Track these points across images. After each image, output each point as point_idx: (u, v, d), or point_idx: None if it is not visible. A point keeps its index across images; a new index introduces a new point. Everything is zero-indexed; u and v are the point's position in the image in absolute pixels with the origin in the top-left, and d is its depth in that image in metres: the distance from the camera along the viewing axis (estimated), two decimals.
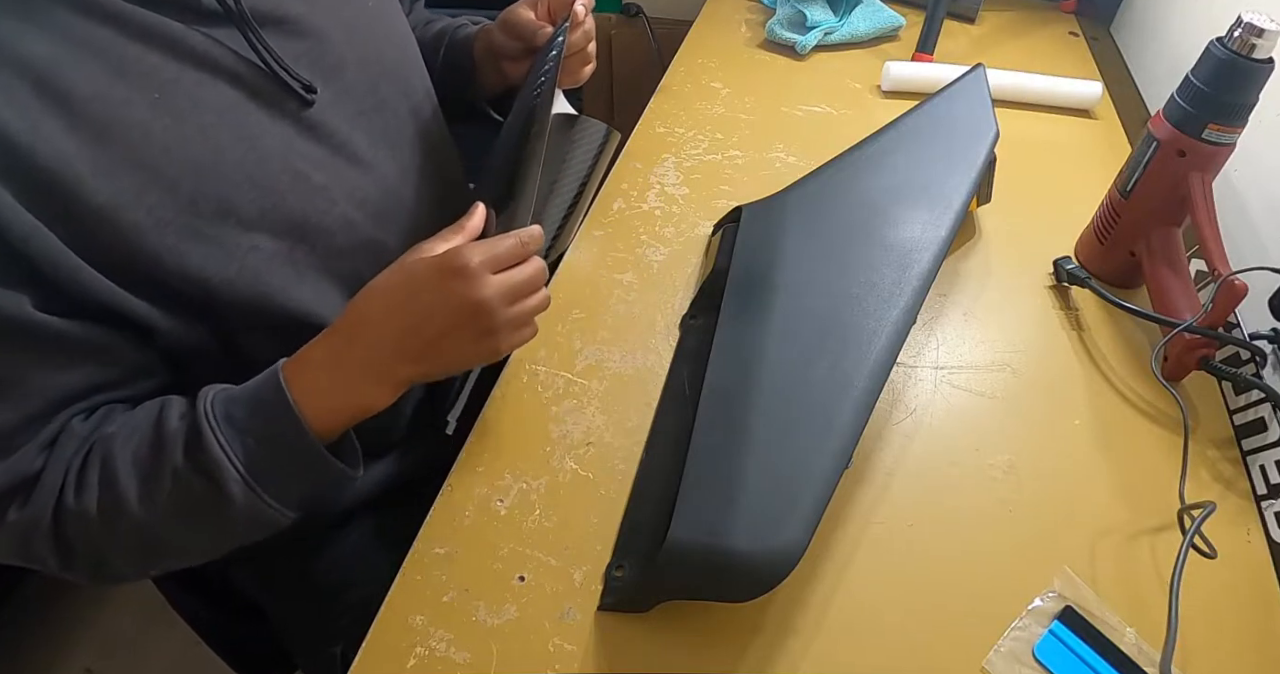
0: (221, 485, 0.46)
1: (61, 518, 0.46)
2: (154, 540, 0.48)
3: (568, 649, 0.47)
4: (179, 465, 0.46)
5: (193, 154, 0.46)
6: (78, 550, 0.47)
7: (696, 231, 0.77)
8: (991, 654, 0.48)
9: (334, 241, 0.55)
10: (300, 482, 0.49)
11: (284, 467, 0.48)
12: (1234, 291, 0.57)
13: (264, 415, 0.47)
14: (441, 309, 0.48)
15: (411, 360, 0.49)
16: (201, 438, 0.46)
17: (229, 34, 0.48)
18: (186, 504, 0.47)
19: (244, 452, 0.47)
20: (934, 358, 0.66)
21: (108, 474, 0.46)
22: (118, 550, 0.48)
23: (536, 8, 0.68)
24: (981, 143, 0.68)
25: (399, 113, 0.60)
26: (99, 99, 0.43)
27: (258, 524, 0.49)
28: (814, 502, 0.47)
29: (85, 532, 0.47)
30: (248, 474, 0.47)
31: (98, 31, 0.43)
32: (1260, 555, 0.54)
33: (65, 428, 0.47)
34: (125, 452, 0.47)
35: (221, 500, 0.46)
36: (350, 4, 0.57)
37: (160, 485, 0.46)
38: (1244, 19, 0.58)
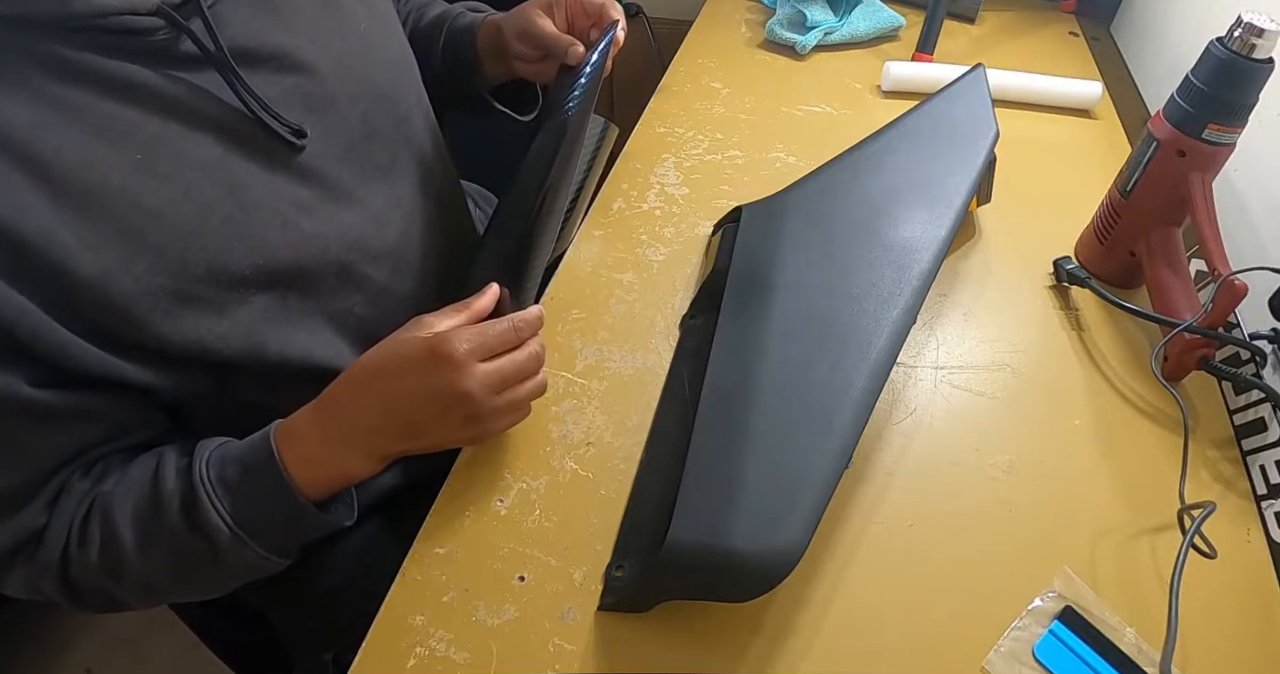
0: (216, 543, 0.47)
1: (68, 566, 0.48)
2: (155, 587, 0.50)
3: (568, 649, 0.47)
4: (175, 525, 0.47)
5: (179, 217, 0.45)
6: (84, 593, 0.50)
7: (696, 231, 0.77)
8: (991, 654, 0.48)
9: (326, 285, 0.54)
10: (292, 535, 0.51)
11: (276, 524, 0.49)
12: (1234, 291, 0.57)
13: (255, 479, 0.48)
14: (425, 394, 0.48)
15: (396, 438, 0.50)
16: (196, 500, 0.47)
17: (212, 79, 0.46)
18: (183, 559, 0.49)
19: (236, 512, 0.48)
20: (934, 358, 0.66)
21: (108, 530, 0.48)
22: (122, 594, 0.50)
23: (553, 14, 0.67)
24: (981, 143, 0.68)
25: (392, 140, 0.59)
26: (81, 167, 0.42)
27: (254, 572, 0.51)
28: (814, 502, 0.47)
29: (90, 578, 0.49)
30: (242, 532, 0.48)
31: (73, 93, 0.42)
32: (1260, 555, 0.54)
33: (65, 485, 0.49)
34: (125, 508, 0.48)
35: (216, 556, 0.48)
36: (340, 32, 0.55)
37: (158, 542, 0.48)
38: (1244, 19, 0.58)
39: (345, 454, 0.49)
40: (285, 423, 0.50)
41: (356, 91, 0.55)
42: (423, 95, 0.65)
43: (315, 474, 0.49)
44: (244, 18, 0.48)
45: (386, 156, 0.58)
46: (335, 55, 0.54)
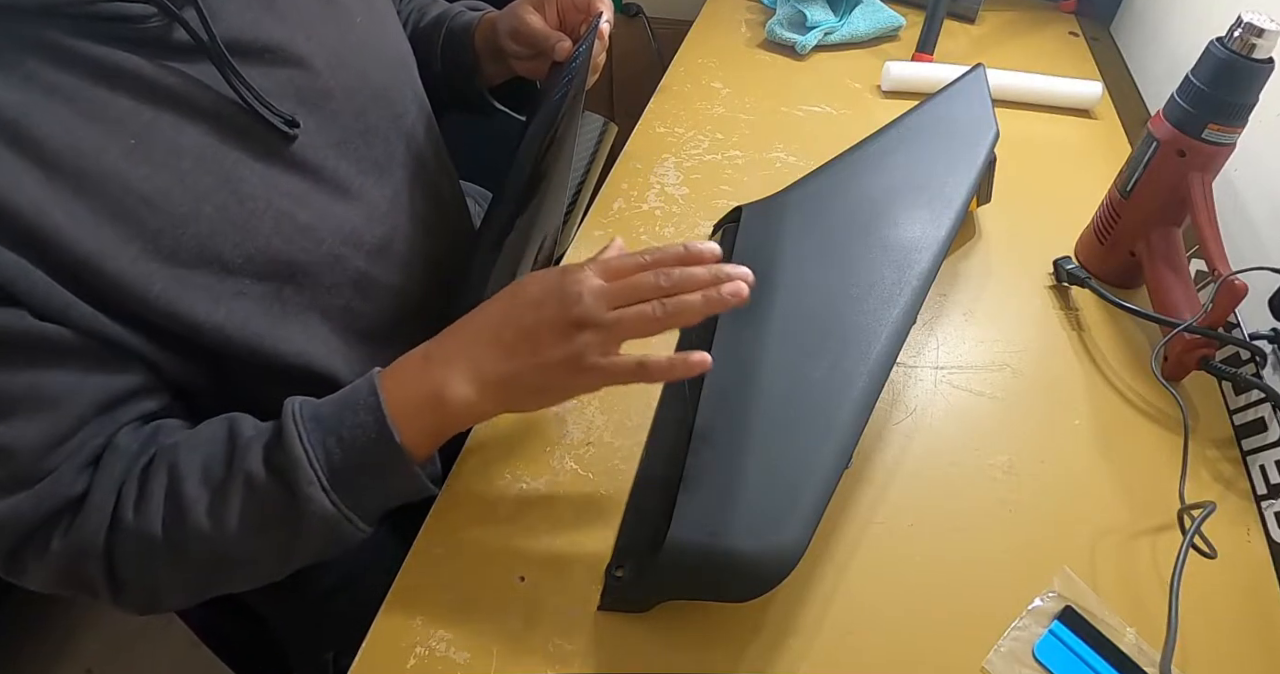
0: (299, 489, 0.44)
1: (116, 540, 0.45)
2: (219, 559, 0.46)
3: (568, 649, 0.47)
4: (254, 469, 0.44)
5: (172, 204, 0.45)
6: (130, 577, 0.46)
7: (696, 231, 0.77)
8: (991, 654, 0.48)
9: (322, 279, 0.53)
10: (379, 489, 0.47)
11: (366, 471, 0.46)
12: (1234, 291, 0.57)
13: (353, 415, 0.45)
14: (536, 296, 0.46)
15: (500, 353, 0.46)
16: (283, 435, 0.44)
17: (205, 70, 0.46)
18: (260, 511, 0.45)
19: (325, 452, 0.45)
20: (934, 358, 0.66)
21: (174, 485, 0.45)
22: (176, 574, 0.46)
23: (544, 11, 0.66)
24: (981, 143, 0.68)
25: (388, 137, 0.58)
26: (73, 150, 0.41)
27: (329, 536, 0.47)
28: (814, 501, 0.47)
29: (143, 555, 0.45)
30: (328, 477, 0.45)
31: (67, 78, 0.42)
32: (1260, 555, 0.54)
33: (111, 445, 0.45)
34: (194, 460, 0.45)
35: (297, 506, 0.44)
36: (336, 27, 0.55)
37: (232, 493, 0.44)
38: (1244, 19, 0.58)
39: (445, 370, 0.46)
40: (392, 366, 0.48)
41: (352, 86, 0.55)
42: (420, 93, 0.65)
43: (413, 394, 0.46)
44: (237, 9, 0.48)
45: (383, 152, 0.58)
46: (330, 50, 0.53)
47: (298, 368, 0.53)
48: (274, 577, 0.50)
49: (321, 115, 0.53)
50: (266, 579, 0.50)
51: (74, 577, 0.45)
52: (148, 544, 0.44)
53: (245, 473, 0.44)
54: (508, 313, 0.47)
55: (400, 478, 0.47)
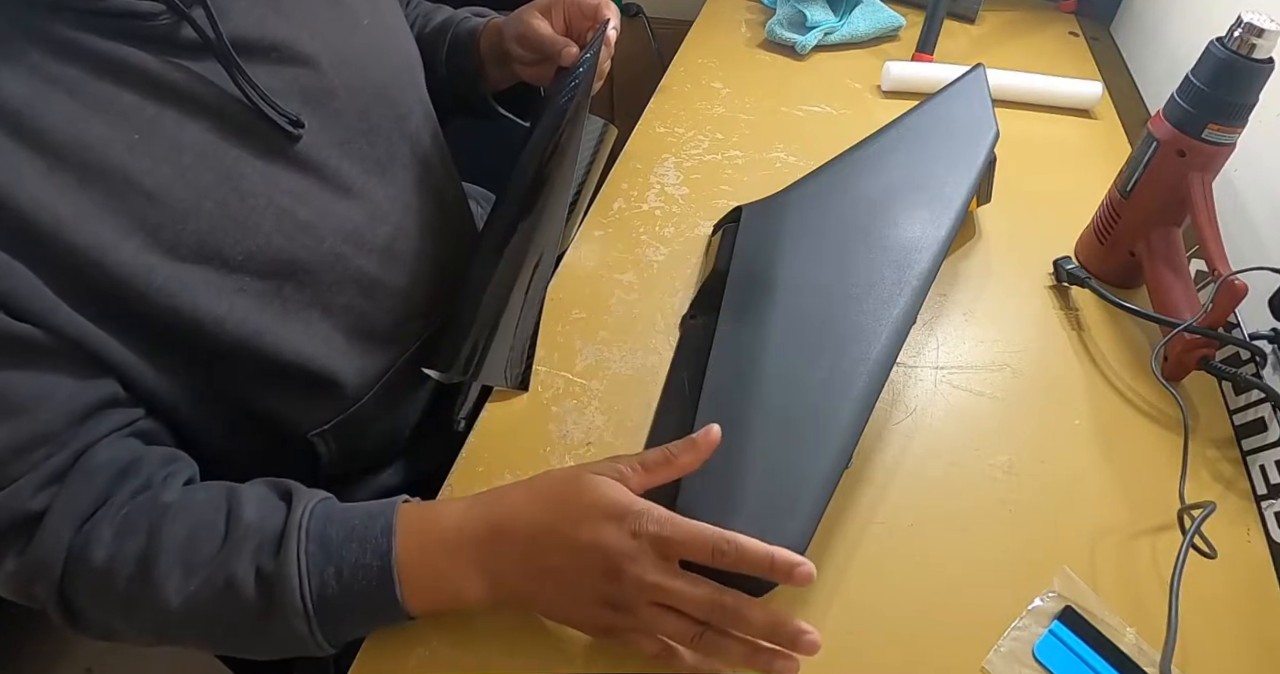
0: (282, 619, 0.42)
1: (73, 574, 0.43)
2: (171, 632, 0.45)
3: (568, 649, 0.47)
4: (239, 573, 0.42)
5: (174, 198, 0.45)
6: (83, 610, 0.44)
7: (696, 231, 0.77)
8: (991, 654, 0.48)
9: (323, 278, 0.53)
10: (363, 627, 0.46)
11: (355, 614, 0.44)
12: (1234, 291, 0.57)
13: (360, 552, 0.43)
14: (580, 541, 0.42)
15: (531, 577, 0.44)
16: (282, 551, 0.42)
17: (210, 67, 0.46)
18: (229, 616, 0.43)
19: (320, 584, 0.43)
20: (934, 358, 0.66)
21: (151, 553, 0.43)
22: (129, 629, 0.45)
23: (551, 17, 0.66)
24: (981, 143, 0.68)
25: (391, 138, 0.58)
26: (77, 142, 0.41)
27: (290, 650, 0.44)
28: (814, 501, 0.47)
29: (97, 598, 0.44)
30: (315, 613, 0.42)
31: (73, 71, 0.42)
32: (1260, 555, 0.54)
33: (79, 464, 0.44)
34: (178, 531, 0.43)
35: (271, 619, 0.42)
36: (341, 27, 0.55)
37: (209, 587, 0.42)
38: (1244, 19, 0.58)
39: (468, 567, 0.44)
40: (419, 506, 0.46)
41: (356, 86, 0.55)
42: (424, 95, 0.65)
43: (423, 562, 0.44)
44: (244, 7, 0.48)
45: (386, 152, 0.58)
46: (335, 49, 0.54)
47: (296, 366, 0.53)
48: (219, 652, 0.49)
49: (325, 114, 0.53)
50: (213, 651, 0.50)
51: (27, 596, 0.45)
52: (104, 593, 0.43)
53: (229, 574, 0.42)
54: (552, 538, 0.43)
55: (387, 621, 0.45)
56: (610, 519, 0.42)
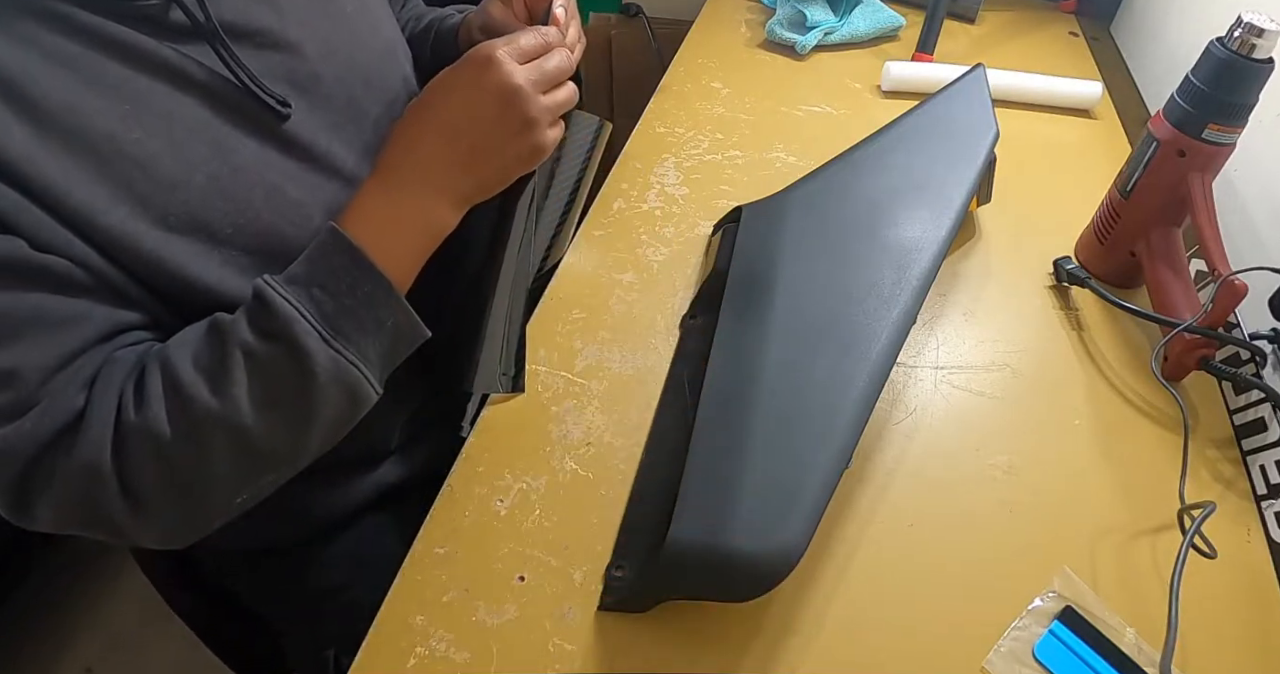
0: (298, 345, 0.44)
1: (124, 447, 0.43)
2: (236, 443, 0.44)
3: (568, 649, 0.47)
4: (247, 340, 0.44)
5: (164, 170, 0.45)
6: (147, 489, 0.43)
7: (696, 231, 0.77)
8: (991, 654, 0.48)
9: None
10: (375, 328, 0.47)
11: (357, 311, 0.46)
12: (1234, 291, 0.57)
13: (325, 262, 0.46)
14: (477, 101, 0.48)
15: (462, 168, 0.49)
16: (265, 303, 0.44)
17: (200, 50, 0.47)
18: (266, 381, 0.44)
19: (313, 303, 0.45)
20: (934, 358, 0.66)
21: (170, 376, 0.43)
22: (200, 470, 0.44)
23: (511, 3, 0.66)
24: (981, 143, 0.68)
25: (380, 122, 0.59)
26: (68, 109, 0.42)
27: (344, 393, 0.46)
28: (814, 501, 0.47)
29: (154, 458, 0.43)
30: (322, 325, 0.44)
31: (66, 44, 0.43)
32: (1260, 555, 0.54)
33: (109, 359, 0.45)
34: (184, 352, 0.44)
35: (302, 364, 0.44)
36: (327, 14, 0.56)
37: (233, 369, 0.43)
38: (1244, 19, 0.58)
39: (421, 201, 0.48)
40: (345, 207, 0.49)
41: (342, 73, 0.56)
42: (412, 83, 0.65)
43: (389, 235, 0.47)
44: None
45: (374, 137, 0.59)
46: (321, 37, 0.54)
47: None
48: (301, 459, 0.48)
49: (312, 99, 0.53)
50: (294, 463, 0.48)
51: (86, 504, 0.43)
52: (156, 443, 0.43)
53: (241, 347, 0.44)
54: (448, 129, 0.49)
55: (391, 311, 0.47)
56: (474, 69, 0.49)
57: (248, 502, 0.48)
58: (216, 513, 0.47)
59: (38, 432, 0.41)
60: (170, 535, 0.47)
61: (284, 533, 0.66)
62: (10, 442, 0.41)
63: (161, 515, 0.45)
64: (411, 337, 0.50)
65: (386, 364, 0.49)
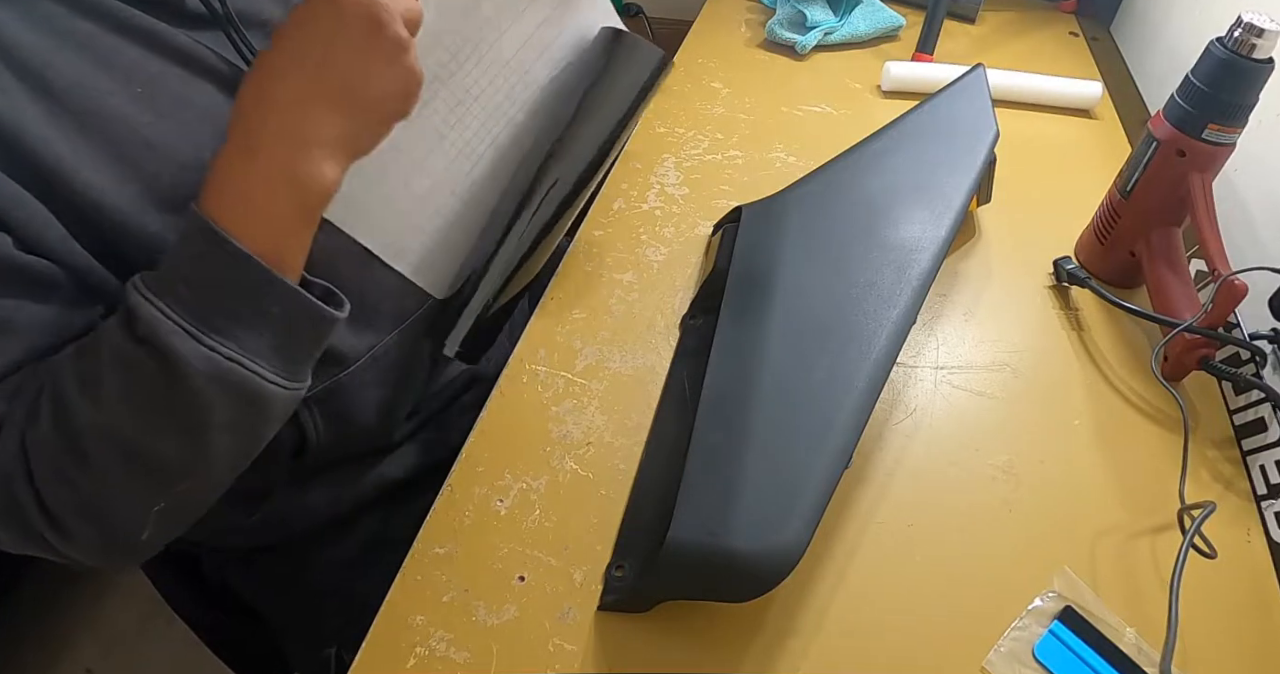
0: (165, 346, 0.39)
1: (29, 462, 0.41)
2: (127, 450, 0.41)
3: (568, 649, 0.47)
4: (117, 345, 0.40)
5: (174, 152, 0.46)
6: (58, 504, 0.41)
7: (696, 231, 0.77)
8: (991, 654, 0.48)
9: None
10: (259, 320, 0.42)
11: (227, 302, 0.41)
12: (1234, 291, 0.57)
13: (189, 249, 0.40)
14: (332, 30, 0.40)
15: (330, 108, 0.41)
16: (130, 306, 0.40)
17: (213, 37, 0.48)
18: (140, 387, 0.40)
19: (177, 300, 0.40)
20: (934, 358, 0.66)
21: (54, 388, 0.41)
22: (95, 483, 0.41)
23: None
24: (981, 143, 0.68)
25: None
26: (81, 89, 0.43)
27: (231, 391, 0.41)
28: (814, 501, 0.47)
29: (52, 470, 0.41)
30: (191, 323, 0.40)
31: (81, 24, 0.43)
32: (1260, 555, 0.54)
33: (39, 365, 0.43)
34: (68, 363, 0.42)
35: (173, 367, 0.39)
36: None
37: (105, 377, 0.40)
38: (1244, 19, 0.58)
39: (287, 157, 0.41)
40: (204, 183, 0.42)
41: None
42: None
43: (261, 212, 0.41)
44: None
45: None
46: None
47: None
48: (214, 466, 0.44)
49: None
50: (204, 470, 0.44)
51: (13, 517, 0.42)
52: (50, 456, 0.41)
53: (110, 350, 0.41)
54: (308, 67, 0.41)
55: (273, 296, 0.42)
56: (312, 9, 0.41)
57: (180, 514, 0.45)
58: (135, 525, 0.44)
59: None
60: (102, 551, 0.44)
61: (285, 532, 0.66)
62: None
63: (79, 531, 0.42)
64: (311, 318, 0.44)
65: (288, 353, 0.44)
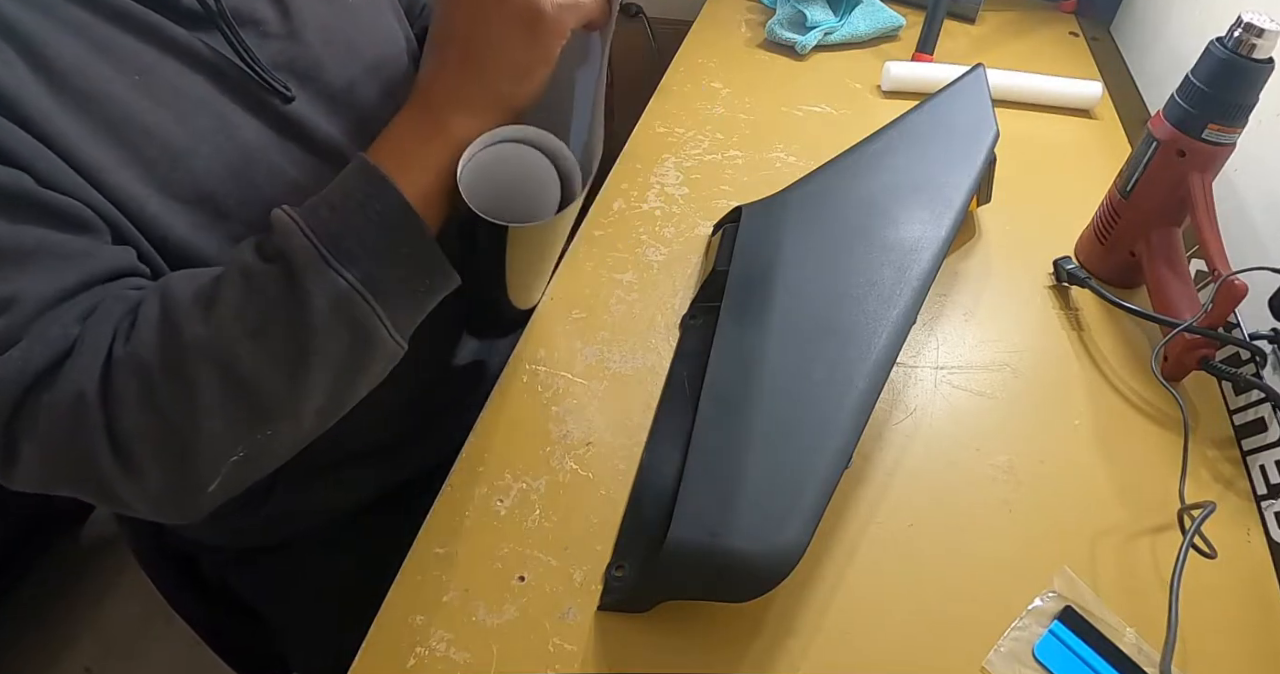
0: (292, 261, 0.40)
1: (111, 380, 0.39)
2: (231, 375, 0.40)
3: (568, 649, 0.47)
4: (246, 261, 0.41)
5: (171, 137, 0.46)
6: (135, 431, 0.40)
7: (696, 231, 0.77)
8: (991, 654, 0.48)
9: None
10: (388, 255, 0.43)
11: (365, 230, 0.42)
12: (1234, 291, 0.57)
13: (341, 184, 0.43)
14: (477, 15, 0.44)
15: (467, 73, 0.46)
16: (273, 223, 0.42)
17: (209, 36, 0.48)
18: (259, 305, 0.40)
19: (317, 219, 0.41)
20: (934, 358, 0.66)
21: (166, 304, 0.41)
22: (187, 409, 0.40)
23: None
24: (981, 143, 0.68)
25: (383, 109, 0.57)
26: (80, 72, 0.43)
27: (346, 323, 0.41)
28: (814, 501, 0.47)
29: (141, 391, 0.39)
30: (323, 243, 0.40)
31: (77, 12, 0.43)
32: (1260, 555, 0.54)
33: (111, 295, 0.42)
34: (186, 279, 0.42)
35: (295, 282, 0.40)
36: (329, 3, 0.56)
37: (226, 292, 0.41)
38: (1244, 19, 0.58)
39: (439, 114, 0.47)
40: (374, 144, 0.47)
41: (344, 61, 0.56)
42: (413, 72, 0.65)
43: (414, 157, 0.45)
44: None
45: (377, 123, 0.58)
46: (322, 22, 0.55)
47: None
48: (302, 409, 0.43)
49: (315, 86, 0.54)
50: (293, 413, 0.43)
51: (72, 450, 0.40)
52: (143, 375, 0.39)
53: (240, 268, 0.41)
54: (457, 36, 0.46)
55: (408, 234, 0.43)
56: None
57: (245, 469, 0.44)
58: (209, 471, 0.42)
59: (27, 362, 0.39)
60: (161, 498, 0.43)
61: (285, 532, 0.66)
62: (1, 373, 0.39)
63: (148, 469, 0.41)
64: (432, 269, 0.44)
65: (403, 300, 0.44)
